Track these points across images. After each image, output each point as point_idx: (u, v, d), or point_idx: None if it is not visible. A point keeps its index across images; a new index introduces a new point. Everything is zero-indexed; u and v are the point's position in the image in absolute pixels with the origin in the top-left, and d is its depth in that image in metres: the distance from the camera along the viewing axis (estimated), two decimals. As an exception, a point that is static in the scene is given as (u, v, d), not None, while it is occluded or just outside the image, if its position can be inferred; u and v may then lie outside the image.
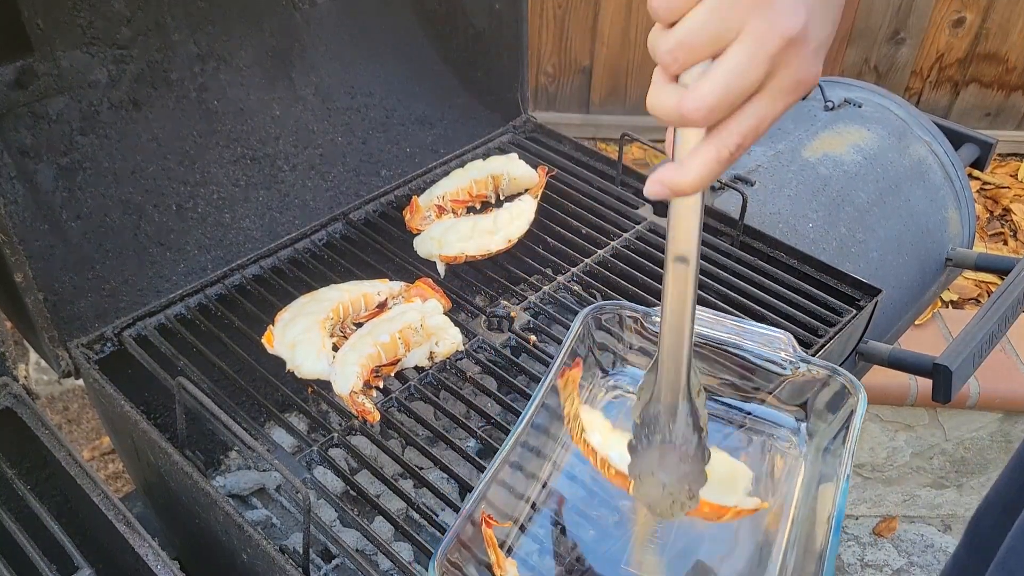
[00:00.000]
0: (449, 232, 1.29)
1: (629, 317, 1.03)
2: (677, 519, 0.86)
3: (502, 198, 1.40)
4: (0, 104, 1.16)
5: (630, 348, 1.05)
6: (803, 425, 1.03)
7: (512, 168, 1.41)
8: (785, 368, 1.00)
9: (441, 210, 1.36)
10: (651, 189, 0.63)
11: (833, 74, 2.86)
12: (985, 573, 1.12)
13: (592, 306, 1.02)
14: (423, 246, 1.31)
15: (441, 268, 1.30)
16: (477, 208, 1.39)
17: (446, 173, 1.50)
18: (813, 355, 1.17)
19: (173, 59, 1.32)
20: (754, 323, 1.04)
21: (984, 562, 1.16)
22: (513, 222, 1.32)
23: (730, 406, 1.05)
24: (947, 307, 2.57)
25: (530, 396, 0.99)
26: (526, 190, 1.41)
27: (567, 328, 1.23)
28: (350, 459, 1.17)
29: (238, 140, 1.41)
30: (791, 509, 0.95)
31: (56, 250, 1.21)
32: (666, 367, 0.75)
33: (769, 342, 1.00)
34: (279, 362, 1.13)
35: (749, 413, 1.04)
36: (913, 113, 1.82)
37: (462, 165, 1.50)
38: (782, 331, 1.01)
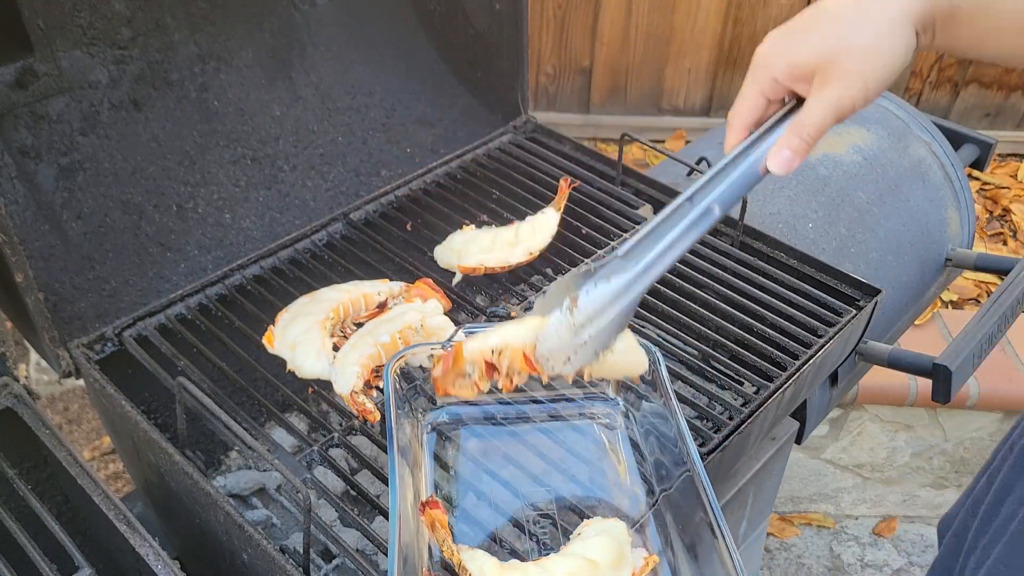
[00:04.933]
0: (471, 244, 1.29)
1: (427, 356, 1.03)
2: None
3: (587, 378, 0.98)
4: (1, 104, 1.16)
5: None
6: (620, 397, 1.07)
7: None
8: None
9: (491, 369, 0.94)
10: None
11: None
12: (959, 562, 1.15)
13: (392, 359, 0.99)
14: (444, 256, 1.30)
15: (458, 278, 1.29)
16: (544, 380, 1.05)
17: (448, 174, 1.50)
18: (812, 355, 1.17)
19: (173, 59, 1.32)
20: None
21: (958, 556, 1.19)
22: (535, 235, 1.30)
23: (547, 403, 1.08)
24: (947, 307, 2.57)
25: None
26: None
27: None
28: (350, 459, 1.17)
29: (238, 140, 1.41)
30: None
31: (56, 250, 1.21)
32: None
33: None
34: (279, 362, 1.13)
35: (567, 406, 1.08)
36: (913, 113, 1.82)
37: (464, 167, 1.50)
38: None
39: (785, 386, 1.14)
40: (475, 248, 1.28)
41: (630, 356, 0.98)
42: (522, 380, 0.93)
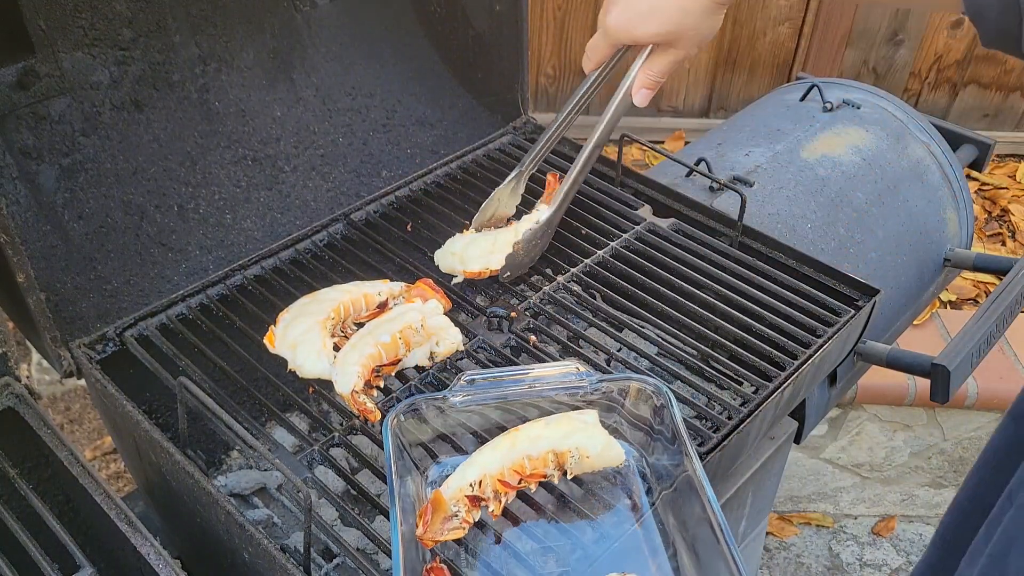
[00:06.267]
0: (470, 247, 1.28)
1: (429, 407, 1.02)
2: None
3: (568, 478, 1.02)
4: (2, 105, 1.17)
5: (438, 438, 1.04)
6: (633, 442, 1.06)
7: (585, 442, 1.00)
8: (586, 389, 1.04)
9: (476, 501, 0.95)
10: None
11: (831, 75, 2.87)
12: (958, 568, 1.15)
13: (391, 412, 0.99)
14: (444, 260, 1.30)
15: (459, 279, 1.28)
16: (533, 490, 1.01)
17: (448, 174, 1.50)
18: (811, 355, 1.18)
19: (175, 60, 1.33)
20: (543, 364, 1.07)
21: (955, 557, 1.19)
22: None
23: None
24: (945, 307, 2.57)
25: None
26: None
27: (567, 328, 1.24)
28: (351, 458, 1.17)
29: (239, 141, 1.41)
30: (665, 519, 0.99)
31: (58, 250, 1.22)
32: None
33: (564, 373, 1.04)
34: (280, 362, 1.13)
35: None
36: (911, 114, 1.83)
37: (464, 168, 1.50)
38: (571, 360, 1.07)
39: (784, 386, 1.14)
40: (476, 252, 1.28)
41: (608, 452, 1.01)
42: (509, 499, 0.98)
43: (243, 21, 1.40)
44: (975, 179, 3.15)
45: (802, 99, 1.85)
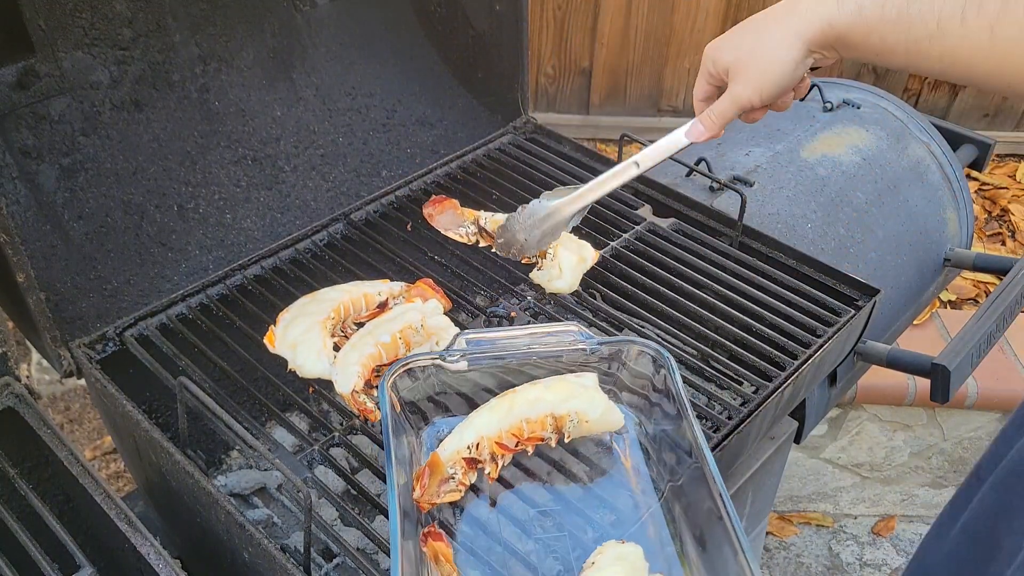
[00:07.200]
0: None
1: (420, 368, 0.99)
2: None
3: (566, 440, 1.01)
4: (2, 105, 1.17)
5: (432, 398, 1.02)
6: (633, 406, 1.05)
7: (584, 407, 0.99)
8: (586, 351, 1.02)
9: (473, 464, 0.95)
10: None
11: (831, 75, 2.87)
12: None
13: (388, 372, 0.97)
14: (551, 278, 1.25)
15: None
16: (529, 452, 1.00)
17: (448, 174, 1.51)
18: (811, 355, 1.18)
19: (174, 60, 1.33)
20: (543, 324, 1.06)
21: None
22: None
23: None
24: (945, 307, 2.57)
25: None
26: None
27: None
28: (351, 458, 1.17)
29: (239, 141, 1.41)
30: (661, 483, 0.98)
31: (58, 250, 1.22)
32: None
33: (563, 335, 1.02)
34: (280, 362, 1.13)
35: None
36: (911, 114, 1.83)
37: (464, 168, 1.50)
38: (571, 323, 1.04)
39: (784, 386, 1.14)
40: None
41: (607, 416, 1.00)
42: (506, 462, 0.97)
43: (243, 21, 1.40)
44: (975, 179, 3.15)
45: (802, 99, 1.84)
